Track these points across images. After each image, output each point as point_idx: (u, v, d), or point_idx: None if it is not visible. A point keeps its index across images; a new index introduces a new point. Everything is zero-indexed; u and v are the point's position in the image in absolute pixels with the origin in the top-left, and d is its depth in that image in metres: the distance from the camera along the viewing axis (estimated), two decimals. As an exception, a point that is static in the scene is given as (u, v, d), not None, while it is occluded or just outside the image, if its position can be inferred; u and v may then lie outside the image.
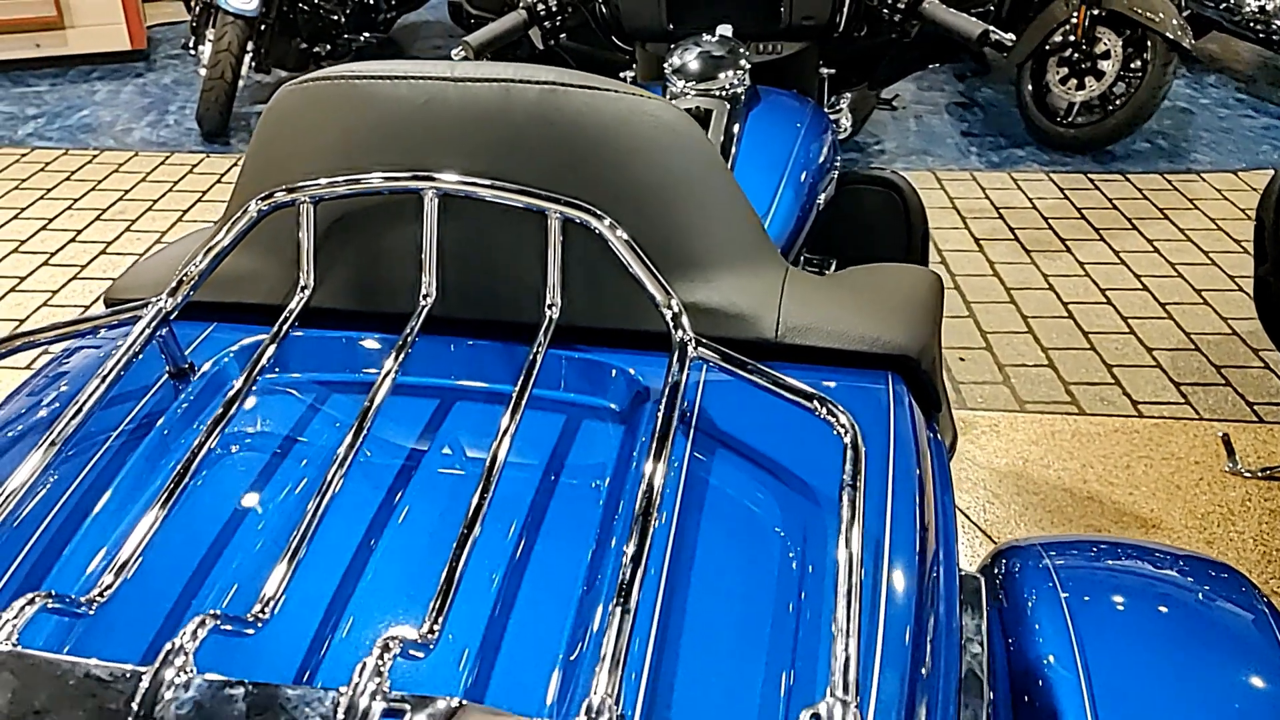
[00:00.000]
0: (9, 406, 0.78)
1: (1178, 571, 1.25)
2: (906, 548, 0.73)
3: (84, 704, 0.48)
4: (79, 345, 0.85)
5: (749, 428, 0.81)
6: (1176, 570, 1.26)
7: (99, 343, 0.88)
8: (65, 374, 0.75)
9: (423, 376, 0.84)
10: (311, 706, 0.47)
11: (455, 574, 0.58)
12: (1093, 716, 0.97)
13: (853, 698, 0.49)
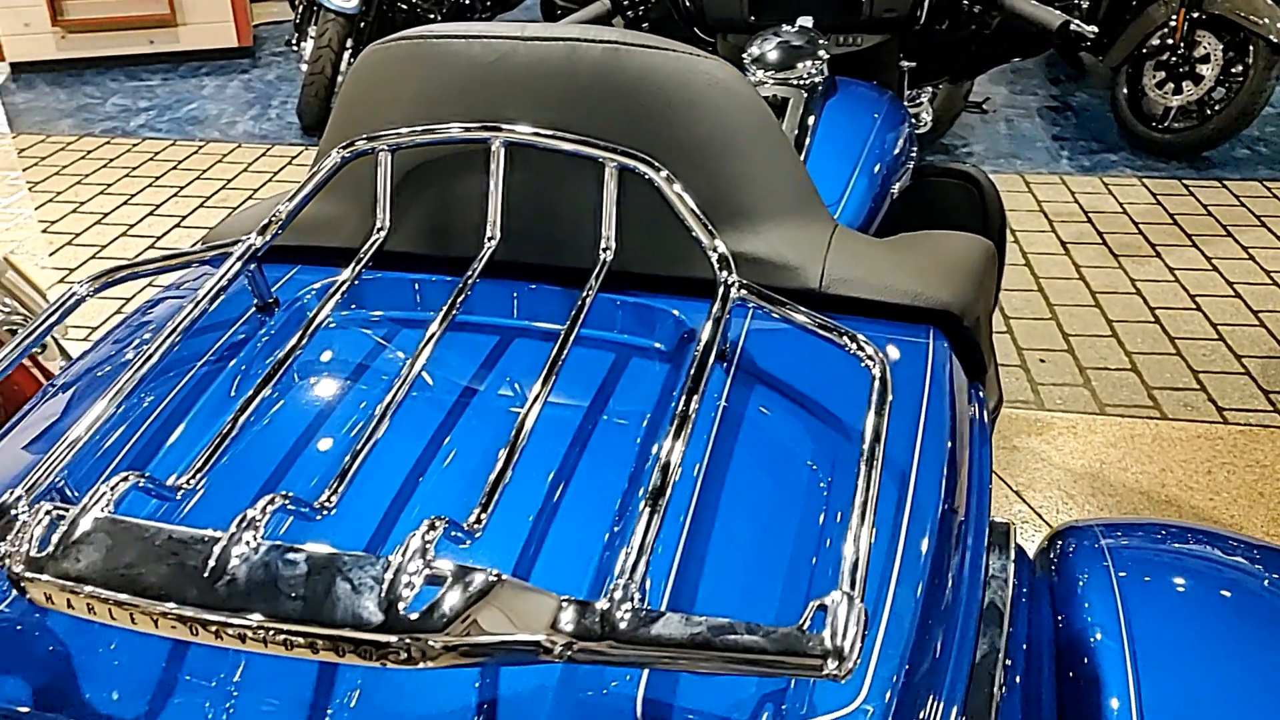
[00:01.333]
0: (116, 331, 0.85)
1: (1243, 558, 1.24)
2: (932, 483, 0.76)
3: (167, 561, 0.54)
4: (178, 281, 0.93)
5: (788, 368, 0.84)
6: (1242, 557, 1.24)
7: (196, 281, 0.96)
8: (165, 303, 0.82)
9: (484, 316, 0.90)
10: (364, 569, 0.52)
11: (502, 477, 0.63)
12: (1136, 697, 0.97)
13: (859, 594, 0.52)
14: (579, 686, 0.61)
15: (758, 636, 0.51)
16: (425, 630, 0.50)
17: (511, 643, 0.52)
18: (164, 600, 0.52)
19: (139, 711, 0.62)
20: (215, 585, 0.53)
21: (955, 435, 0.83)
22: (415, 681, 0.62)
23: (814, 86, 1.93)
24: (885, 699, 0.61)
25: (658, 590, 0.64)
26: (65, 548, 0.55)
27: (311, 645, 0.51)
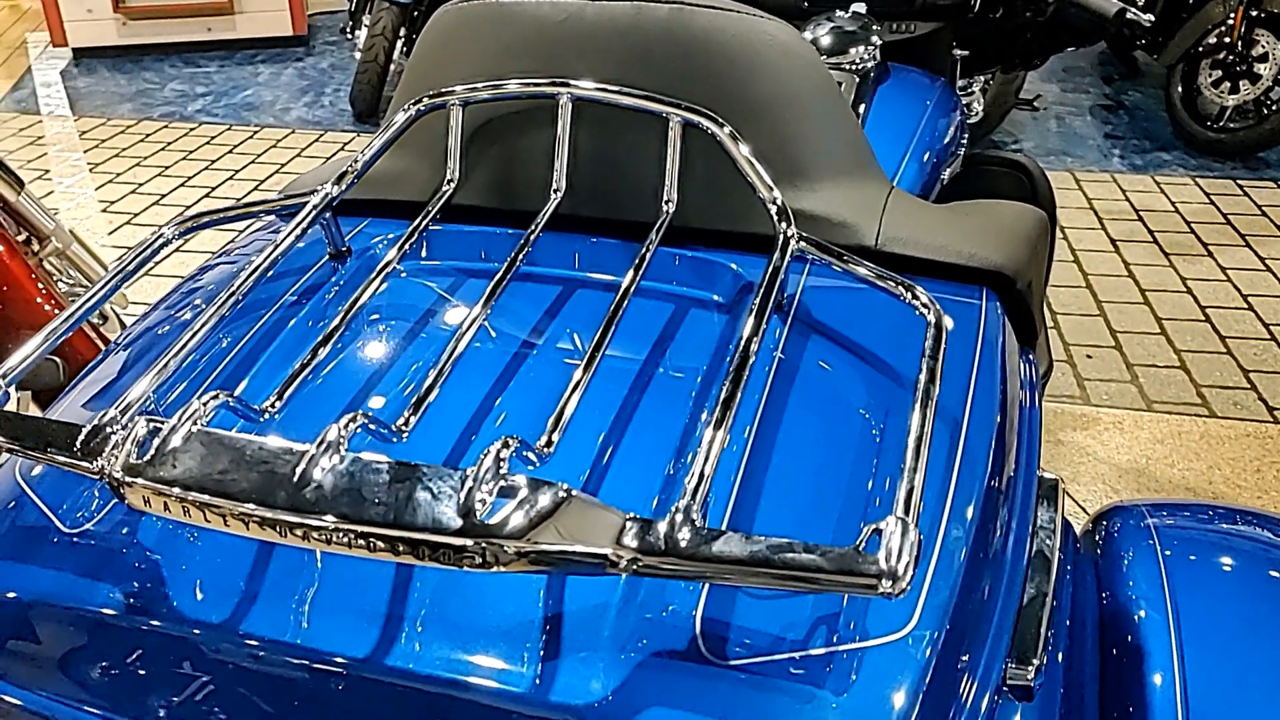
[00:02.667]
0: (190, 281, 0.89)
1: None
2: (984, 431, 0.78)
3: (256, 469, 0.57)
4: (248, 238, 0.97)
5: (844, 319, 0.86)
6: None
7: (266, 236, 1.00)
8: (245, 250, 0.86)
9: (549, 267, 0.92)
10: (442, 480, 0.55)
11: (569, 404, 0.66)
12: (1180, 673, 0.98)
13: (913, 520, 0.54)
14: (641, 603, 0.64)
15: (815, 555, 0.53)
16: (499, 536, 0.53)
17: (579, 554, 0.54)
18: (254, 504, 0.56)
19: (225, 614, 0.65)
20: (302, 491, 0.56)
21: (1005, 389, 0.85)
22: (485, 591, 0.65)
23: (866, 72, 1.94)
24: (935, 627, 0.63)
25: (718, 513, 0.67)
26: (161, 455, 0.58)
27: (393, 547, 0.54)
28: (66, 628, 0.68)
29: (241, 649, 0.65)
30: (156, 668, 0.66)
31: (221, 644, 0.65)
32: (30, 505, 0.74)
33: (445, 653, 0.62)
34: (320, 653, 0.63)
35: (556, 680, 0.60)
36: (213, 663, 0.65)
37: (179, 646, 0.66)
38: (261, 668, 0.64)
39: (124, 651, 0.67)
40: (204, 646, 0.65)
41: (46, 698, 0.69)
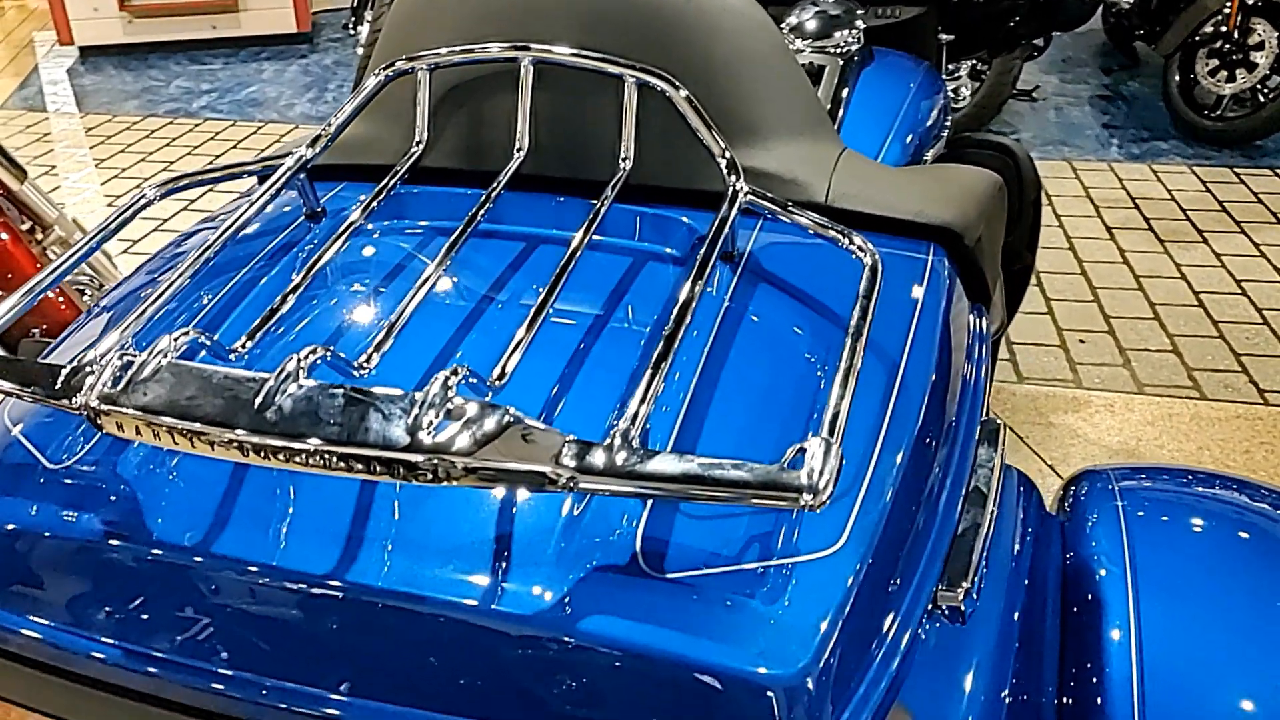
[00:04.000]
0: (170, 246, 0.93)
1: (1258, 501, 1.26)
2: (922, 370, 0.81)
3: (222, 395, 0.61)
4: (226, 207, 1.00)
5: (791, 269, 0.90)
6: (1257, 500, 1.26)
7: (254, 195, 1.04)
8: (226, 215, 0.90)
9: (511, 224, 0.97)
10: (393, 403, 0.59)
11: (522, 343, 0.69)
12: (1136, 627, 1.00)
13: (836, 441, 0.58)
14: (585, 523, 0.67)
15: (742, 472, 0.57)
16: (446, 453, 0.57)
17: (523, 471, 0.58)
18: (219, 427, 0.59)
19: (198, 537, 0.69)
20: (264, 414, 0.59)
21: (948, 335, 0.88)
22: (439, 512, 0.69)
23: (850, 56, 1.96)
24: (863, 546, 0.67)
25: (662, 441, 0.71)
26: (134, 385, 0.62)
27: (347, 464, 0.58)
28: (51, 555, 0.72)
29: (213, 568, 0.69)
30: (135, 588, 0.70)
31: (194, 564, 0.69)
32: (17, 445, 0.78)
33: (403, 568, 0.66)
34: (288, 570, 0.67)
35: (505, 592, 0.64)
36: (186, 581, 0.69)
37: (155, 568, 0.70)
38: (232, 585, 0.68)
39: (105, 574, 0.71)
40: (178, 567, 0.69)
41: (35, 622, 0.73)
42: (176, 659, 0.70)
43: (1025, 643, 1.02)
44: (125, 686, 0.71)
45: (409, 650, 0.65)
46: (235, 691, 0.68)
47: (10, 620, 0.73)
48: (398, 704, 0.65)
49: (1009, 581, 1.04)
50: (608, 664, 0.62)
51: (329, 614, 0.66)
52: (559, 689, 0.63)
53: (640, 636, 0.61)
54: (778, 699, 0.60)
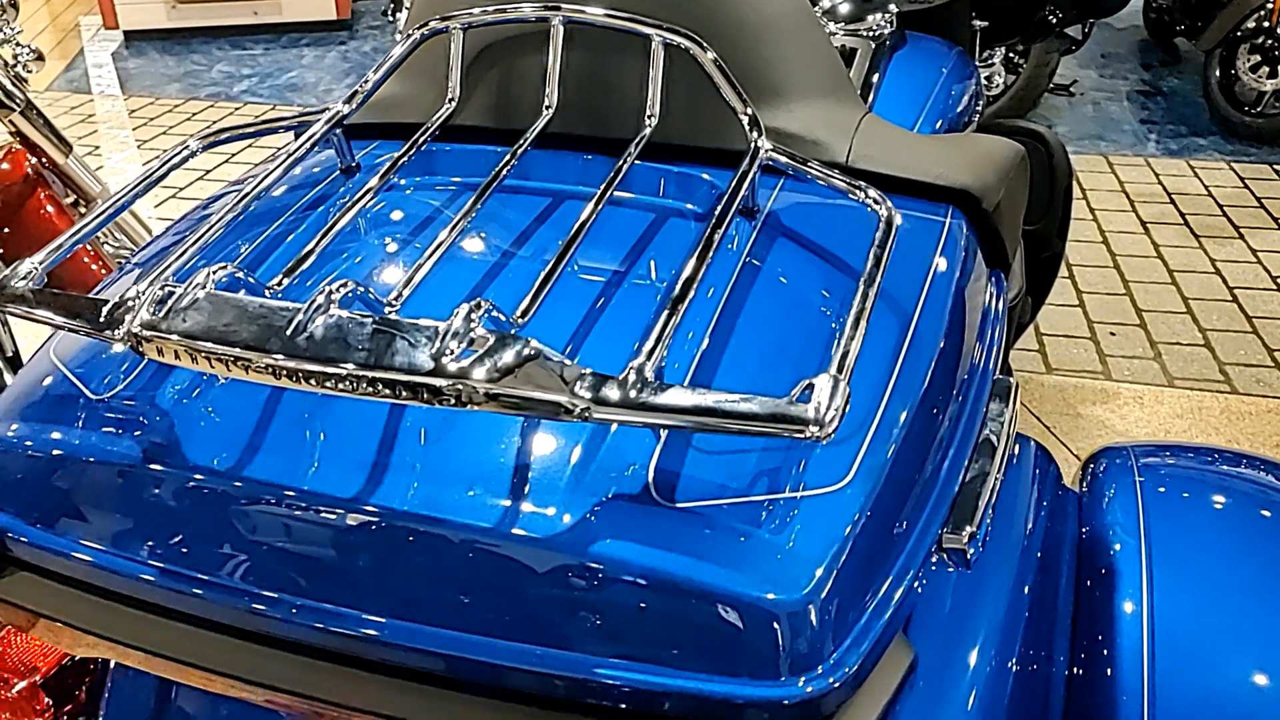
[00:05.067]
0: (223, 195, 0.97)
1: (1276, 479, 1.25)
2: (935, 322, 0.83)
3: (256, 322, 0.64)
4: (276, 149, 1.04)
5: (810, 226, 0.92)
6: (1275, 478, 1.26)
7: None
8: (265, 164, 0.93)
9: (538, 180, 0.99)
10: (420, 332, 0.62)
11: (545, 285, 0.72)
12: (1149, 599, 1.01)
13: (844, 378, 0.60)
14: (601, 453, 0.70)
15: (751, 405, 0.59)
16: (467, 379, 0.59)
17: (541, 400, 0.60)
18: (254, 351, 0.62)
19: (232, 461, 0.73)
20: (296, 340, 0.62)
21: (963, 292, 0.90)
22: (462, 440, 0.72)
23: (883, 39, 1.97)
24: (870, 483, 0.69)
25: (676, 380, 0.74)
26: (173, 313, 0.65)
27: (375, 388, 0.61)
28: (93, 480, 0.76)
29: (244, 492, 0.72)
30: (171, 511, 0.74)
31: (227, 488, 0.73)
32: (62, 378, 0.82)
33: (426, 492, 0.69)
34: (316, 494, 0.71)
35: (522, 517, 0.67)
36: (219, 504, 0.73)
37: (190, 492, 0.73)
38: (262, 508, 0.71)
39: (142, 498, 0.75)
40: (212, 491, 0.73)
41: (77, 543, 0.77)
42: (209, 578, 0.73)
43: (1036, 612, 1.03)
44: (160, 604, 0.75)
45: (429, 571, 0.68)
46: (264, 609, 0.71)
47: (54, 542, 0.77)
48: (417, 621, 0.68)
49: (1021, 550, 1.06)
50: (619, 587, 0.64)
51: (355, 536, 0.69)
52: (572, 610, 0.65)
53: (651, 561, 0.64)
54: (781, 623, 0.62)
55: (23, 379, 0.84)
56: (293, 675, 0.71)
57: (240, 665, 0.72)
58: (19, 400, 0.81)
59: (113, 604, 0.76)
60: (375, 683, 0.69)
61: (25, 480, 0.78)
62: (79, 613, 0.76)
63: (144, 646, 0.74)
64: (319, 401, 0.75)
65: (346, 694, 0.69)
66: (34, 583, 0.78)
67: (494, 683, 0.68)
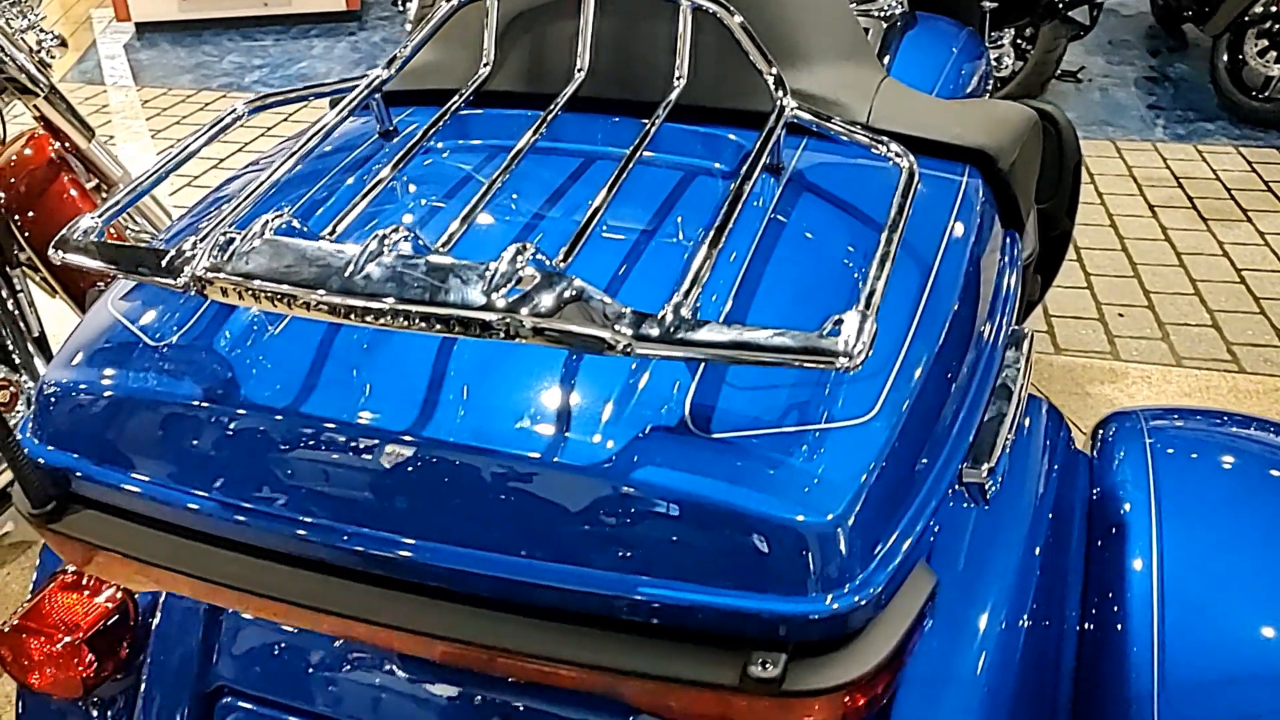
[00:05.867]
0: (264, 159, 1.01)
1: None
2: (954, 271, 0.87)
3: (316, 264, 0.67)
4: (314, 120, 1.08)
5: (835, 179, 0.96)
6: None
7: None
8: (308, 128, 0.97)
9: (570, 142, 1.03)
10: (470, 270, 0.65)
11: (581, 234, 0.76)
12: (1158, 558, 1.04)
13: (871, 314, 0.63)
14: (641, 387, 0.74)
15: (784, 339, 0.63)
16: (516, 314, 0.63)
17: (585, 335, 0.64)
18: (313, 290, 0.66)
19: (285, 398, 0.77)
20: (353, 278, 0.66)
21: (980, 244, 0.93)
22: (510, 375, 0.76)
23: (894, 19, 2.00)
24: (894, 417, 0.72)
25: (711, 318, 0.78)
26: (236, 256, 0.69)
27: (428, 323, 0.64)
28: (154, 419, 0.80)
29: (300, 425, 0.76)
30: (229, 447, 0.78)
31: (283, 422, 0.76)
32: (122, 328, 0.86)
33: (475, 424, 0.73)
34: (369, 426, 0.74)
35: (566, 446, 0.70)
36: (275, 437, 0.76)
37: (247, 427, 0.77)
38: (318, 440, 0.75)
39: (201, 435, 0.79)
40: (268, 426, 0.77)
41: (141, 481, 0.81)
42: (264, 509, 0.77)
43: (1048, 567, 1.06)
44: (216, 534, 0.79)
45: (477, 498, 0.72)
46: (317, 536, 0.75)
47: (115, 479, 0.81)
48: (465, 546, 0.72)
49: (1034, 507, 1.09)
50: (660, 510, 0.68)
51: (406, 466, 0.73)
52: (615, 533, 0.69)
53: (689, 486, 0.67)
54: (811, 544, 0.66)
55: (83, 330, 0.88)
56: (342, 598, 0.75)
57: (292, 590, 0.76)
58: (80, 348, 0.85)
59: (170, 535, 0.80)
60: (424, 605, 0.73)
61: (87, 422, 0.82)
62: (139, 545, 0.80)
63: (199, 574, 0.78)
64: (367, 342, 0.79)
65: (396, 615, 0.73)
66: (96, 518, 0.82)
67: (538, 602, 0.72)
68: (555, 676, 0.72)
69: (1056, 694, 1.00)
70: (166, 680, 1.08)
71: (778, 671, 0.65)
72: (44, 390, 0.84)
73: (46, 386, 0.84)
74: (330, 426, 0.75)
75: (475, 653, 0.72)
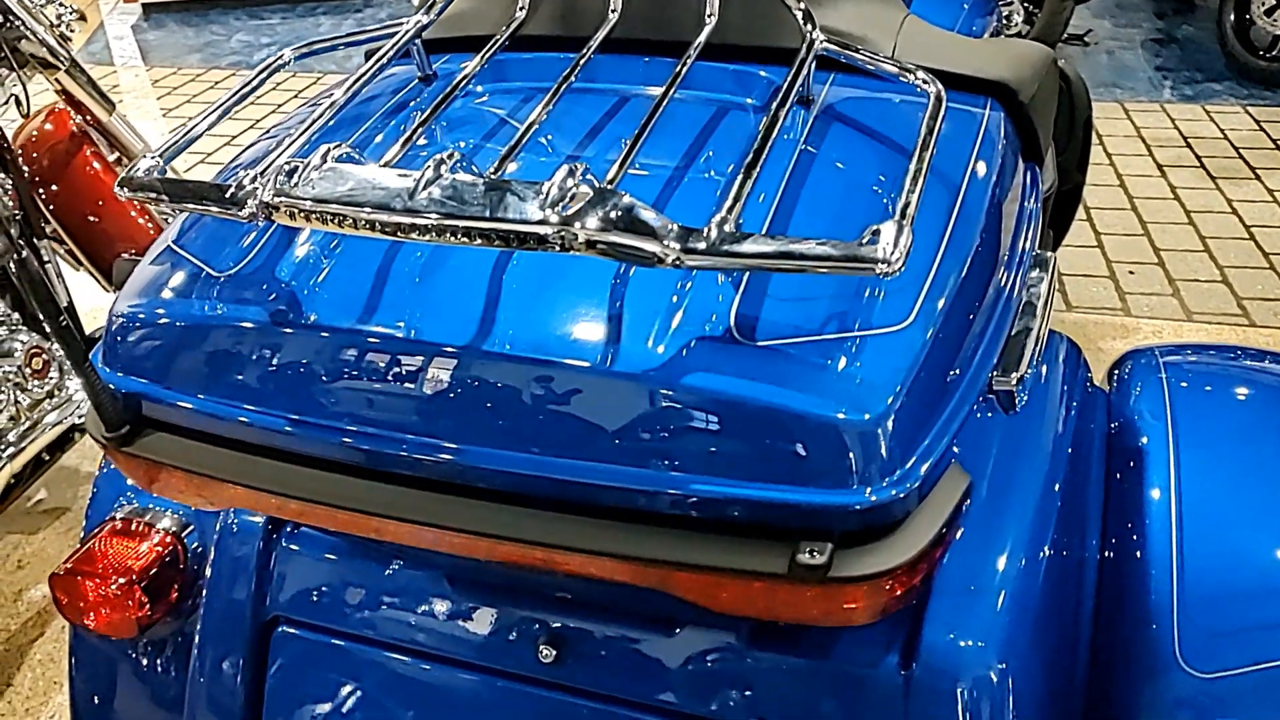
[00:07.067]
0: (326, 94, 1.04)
1: None
2: (980, 194, 0.91)
3: (379, 186, 0.71)
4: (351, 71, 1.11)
5: (862, 111, 0.99)
6: None
7: None
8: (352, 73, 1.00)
9: (605, 82, 1.06)
10: (528, 188, 0.69)
11: (626, 158, 0.79)
12: (1177, 489, 1.08)
13: (908, 223, 0.67)
14: (688, 300, 0.77)
15: (826, 248, 0.66)
16: (571, 227, 0.67)
17: (636, 248, 0.67)
18: (378, 210, 0.70)
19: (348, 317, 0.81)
20: (415, 197, 0.70)
21: (1004, 170, 0.97)
22: (564, 289, 0.80)
23: None
24: (929, 323, 0.76)
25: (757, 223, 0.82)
26: (302, 182, 0.73)
27: (488, 238, 0.68)
28: (220, 342, 0.83)
29: (361, 341, 0.80)
30: (292, 362, 0.82)
31: (346, 339, 0.80)
32: (184, 260, 0.90)
33: (531, 336, 0.77)
34: (429, 341, 0.78)
35: (619, 355, 0.74)
36: (338, 354, 0.80)
37: (312, 344, 0.81)
38: (377, 355, 0.79)
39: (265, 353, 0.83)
40: (332, 342, 0.81)
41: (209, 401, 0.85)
42: (329, 423, 0.80)
43: (1068, 498, 1.10)
44: (282, 449, 0.83)
45: (534, 406, 0.76)
46: (378, 447, 0.79)
47: (185, 400, 0.85)
48: (522, 452, 0.76)
49: (1054, 439, 1.12)
50: (709, 413, 0.72)
51: (465, 376, 0.77)
52: (669, 435, 0.73)
53: (737, 389, 0.71)
54: (852, 441, 0.70)
55: (145, 265, 0.92)
56: (404, 504, 0.79)
57: (354, 498, 0.80)
58: (144, 281, 0.89)
59: (237, 453, 0.84)
60: (485, 508, 0.77)
61: (156, 348, 0.86)
62: (208, 462, 0.84)
63: (266, 487, 0.82)
64: (422, 265, 0.83)
65: (458, 519, 0.77)
66: (166, 439, 0.86)
67: (596, 502, 0.76)
68: (613, 571, 0.76)
69: (1079, 609, 1.04)
70: (223, 613, 1.12)
71: (824, 559, 0.69)
72: (113, 321, 0.88)
73: (115, 317, 0.88)
74: (390, 342, 0.79)
75: (536, 552, 0.76)
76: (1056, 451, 1.09)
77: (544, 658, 0.97)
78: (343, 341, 0.80)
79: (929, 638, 0.88)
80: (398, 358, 0.78)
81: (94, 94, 2.51)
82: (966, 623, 0.89)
